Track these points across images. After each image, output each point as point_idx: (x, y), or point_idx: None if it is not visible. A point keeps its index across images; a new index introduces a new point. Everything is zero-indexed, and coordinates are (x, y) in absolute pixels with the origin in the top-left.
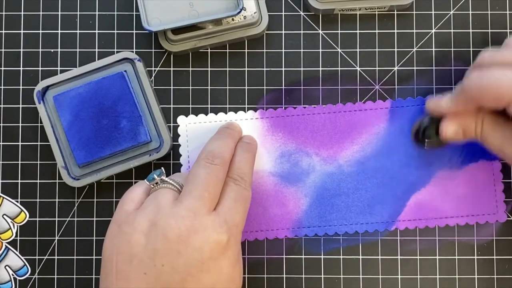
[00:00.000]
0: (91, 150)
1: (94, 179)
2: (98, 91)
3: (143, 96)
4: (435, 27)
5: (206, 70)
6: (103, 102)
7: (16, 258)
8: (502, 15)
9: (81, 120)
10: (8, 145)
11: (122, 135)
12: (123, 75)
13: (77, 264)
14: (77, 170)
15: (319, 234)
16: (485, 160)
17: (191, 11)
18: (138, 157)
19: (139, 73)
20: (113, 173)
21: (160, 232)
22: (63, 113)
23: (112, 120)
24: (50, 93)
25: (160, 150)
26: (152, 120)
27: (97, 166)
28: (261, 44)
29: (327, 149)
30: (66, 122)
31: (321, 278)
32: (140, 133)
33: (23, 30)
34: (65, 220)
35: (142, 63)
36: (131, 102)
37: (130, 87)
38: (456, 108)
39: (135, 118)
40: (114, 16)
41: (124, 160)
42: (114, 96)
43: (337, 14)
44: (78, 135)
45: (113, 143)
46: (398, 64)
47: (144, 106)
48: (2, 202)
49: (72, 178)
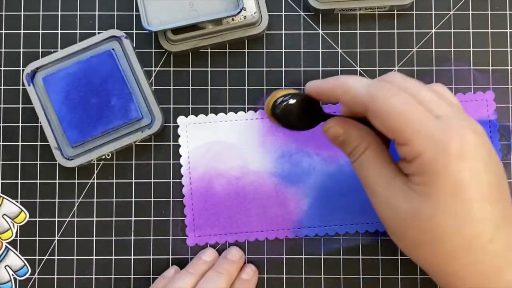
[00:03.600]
0: (83, 129)
1: (87, 159)
2: (87, 70)
3: (132, 73)
4: (435, 27)
5: (206, 70)
6: (93, 81)
7: (16, 258)
8: (502, 15)
9: (71, 100)
10: (8, 145)
11: (113, 112)
12: (111, 53)
13: (77, 264)
14: (70, 150)
15: (319, 235)
16: None
17: (191, 11)
18: (130, 134)
19: (126, 50)
20: (106, 151)
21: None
22: (53, 94)
23: (103, 99)
24: (39, 75)
25: (152, 126)
26: (143, 97)
27: (90, 146)
28: (261, 44)
29: (327, 149)
30: (57, 103)
31: (321, 278)
32: (131, 109)
33: (23, 30)
34: (65, 220)
35: (129, 40)
36: (120, 80)
37: (118, 64)
38: (325, 98)
39: (125, 95)
40: (114, 16)
41: (117, 138)
42: (103, 74)
43: (337, 14)
44: (69, 115)
45: (104, 121)
46: (398, 64)
47: (133, 83)
48: (2, 202)
49: (66, 159)
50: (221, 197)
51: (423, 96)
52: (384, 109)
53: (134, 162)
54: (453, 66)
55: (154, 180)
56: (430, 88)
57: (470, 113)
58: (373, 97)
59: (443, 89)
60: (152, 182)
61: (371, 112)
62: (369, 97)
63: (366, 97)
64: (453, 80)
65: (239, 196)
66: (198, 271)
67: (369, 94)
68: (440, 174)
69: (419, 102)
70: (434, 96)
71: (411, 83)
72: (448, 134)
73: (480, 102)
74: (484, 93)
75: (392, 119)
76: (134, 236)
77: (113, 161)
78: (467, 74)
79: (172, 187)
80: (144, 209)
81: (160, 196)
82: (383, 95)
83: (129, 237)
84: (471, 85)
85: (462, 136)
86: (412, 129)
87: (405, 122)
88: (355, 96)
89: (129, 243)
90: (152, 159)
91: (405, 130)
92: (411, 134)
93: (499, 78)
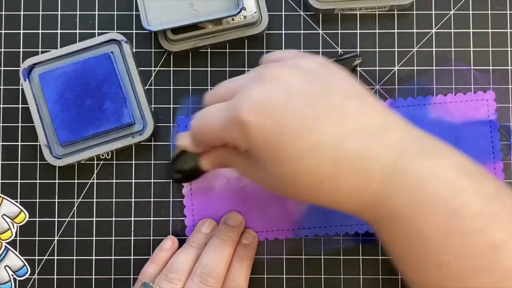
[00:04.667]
0: (74, 129)
1: (76, 159)
2: (84, 71)
3: (129, 78)
4: (435, 27)
5: (206, 70)
6: (88, 82)
7: (16, 258)
8: (502, 15)
9: (65, 99)
10: (7, 145)
11: (106, 116)
12: (109, 56)
13: (77, 264)
14: (60, 149)
15: (319, 235)
16: (487, 159)
17: (191, 11)
18: (121, 139)
19: (125, 55)
20: (95, 153)
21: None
22: (48, 91)
23: (97, 101)
24: (35, 72)
25: (144, 133)
26: (137, 103)
27: (80, 146)
28: (261, 44)
29: None
30: (51, 101)
31: (321, 278)
32: (124, 114)
33: (22, 30)
34: (65, 220)
35: (129, 45)
36: (116, 84)
37: (116, 68)
38: (201, 149)
39: (119, 99)
40: (114, 16)
41: (107, 141)
42: (100, 76)
43: (337, 14)
44: (62, 114)
45: (96, 123)
46: (398, 64)
47: (129, 88)
48: (2, 202)
49: (54, 157)
50: (221, 197)
51: (219, 93)
52: (199, 136)
53: (134, 162)
54: (453, 66)
55: (154, 180)
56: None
57: (470, 113)
58: (193, 135)
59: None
60: (152, 182)
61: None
62: (192, 139)
63: (192, 139)
64: (453, 80)
65: (239, 196)
66: (199, 244)
67: (191, 136)
68: (248, 144)
69: (221, 96)
70: (228, 82)
71: (212, 91)
72: (234, 109)
73: (481, 102)
74: (484, 93)
75: (206, 136)
76: (134, 236)
77: (113, 161)
78: (467, 74)
79: (172, 187)
80: (144, 209)
81: (160, 196)
82: (193, 128)
83: (129, 237)
84: (471, 85)
85: (245, 100)
86: (215, 130)
87: (210, 130)
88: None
89: (129, 243)
90: (152, 159)
91: (215, 134)
92: (219, 134)
93: (500, 78)
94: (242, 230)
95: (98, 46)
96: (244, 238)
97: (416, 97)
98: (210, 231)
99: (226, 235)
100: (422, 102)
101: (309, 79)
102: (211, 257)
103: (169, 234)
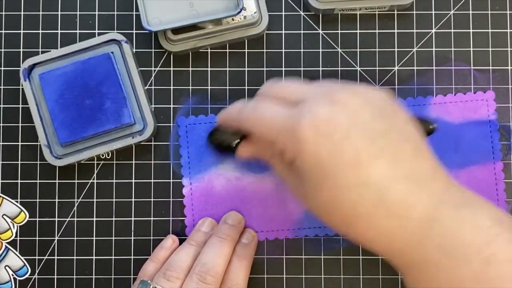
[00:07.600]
0: (74, 129)
1: (76, 159)
2: (84, 71)
3: (129, 78)
4: (435, 27)
5: (206, 70)
6: (89, 82)
7: (16, 258)
8: (502, 15)
9: (65, 99)
10: (8, 145)
11: (106, 116)
12: (109, 56)
13: (77, 264)
14: (60, 149)
15: (319, 235)
16: (487, 159)
17: (191, 11)
18: (121, 139)
19: (125, 55)
20: (95, 153)
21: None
22: (48, 91)
23: (97, 101)
24: (36, 71)
25: (144, 133)
26: (137, 103)
27: (80, 146)
28: (261, 44)
29: None
30: (51, 101)
31: (321, 278)
32: (124, 115)
33: (23, 30)
34: (65, 220)
35: (129, 45)
36: (116, 84)
37: (116, 68)
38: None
39: (119, 99)
40: (114, 16)
41: (107, 141)
42: (100, 76)
43: (337, 14)
44: (62, 114)
45: (96, 123)
46: (398, 64)
47: (129, 88)
48: (2, 202)
49: (54, 157)
50: (221, 197)
51: (283, 92)
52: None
53: (134, 162)
54: (453, 66)
55: (154, 180)
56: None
57: (470, 113)
58: (240, 121)
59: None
60: (152, 182)
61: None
62: (238, 123)
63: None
64: (453, 80)
65: (239, 196)
66: (198, 242)
67: (237, 121)
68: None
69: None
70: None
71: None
72: (296, 119)
73: (480, 102)
74: (484, 93)
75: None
76: (134, 236)
77: (113, 161)
78: (467, 74)
79: (172, 187)
80: (144, 209)
81: (160, 196)
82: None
83: (129, 237)
84: (471, 85)
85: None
86: (269, 129)
87: (262, 127)
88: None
89: (129, 243)
90: (152, 159)
91: (267, 133)
92: (272, 135)
93: (499, 78)
94: (242, 230)
95: (98, 46)
96: (244, 238)
97: (416, 97)
98: (210, 230)
99: (225, 234)
100: (422, 102)
101: (376, 115)
102: (210, 255)
103: (169, 233)
